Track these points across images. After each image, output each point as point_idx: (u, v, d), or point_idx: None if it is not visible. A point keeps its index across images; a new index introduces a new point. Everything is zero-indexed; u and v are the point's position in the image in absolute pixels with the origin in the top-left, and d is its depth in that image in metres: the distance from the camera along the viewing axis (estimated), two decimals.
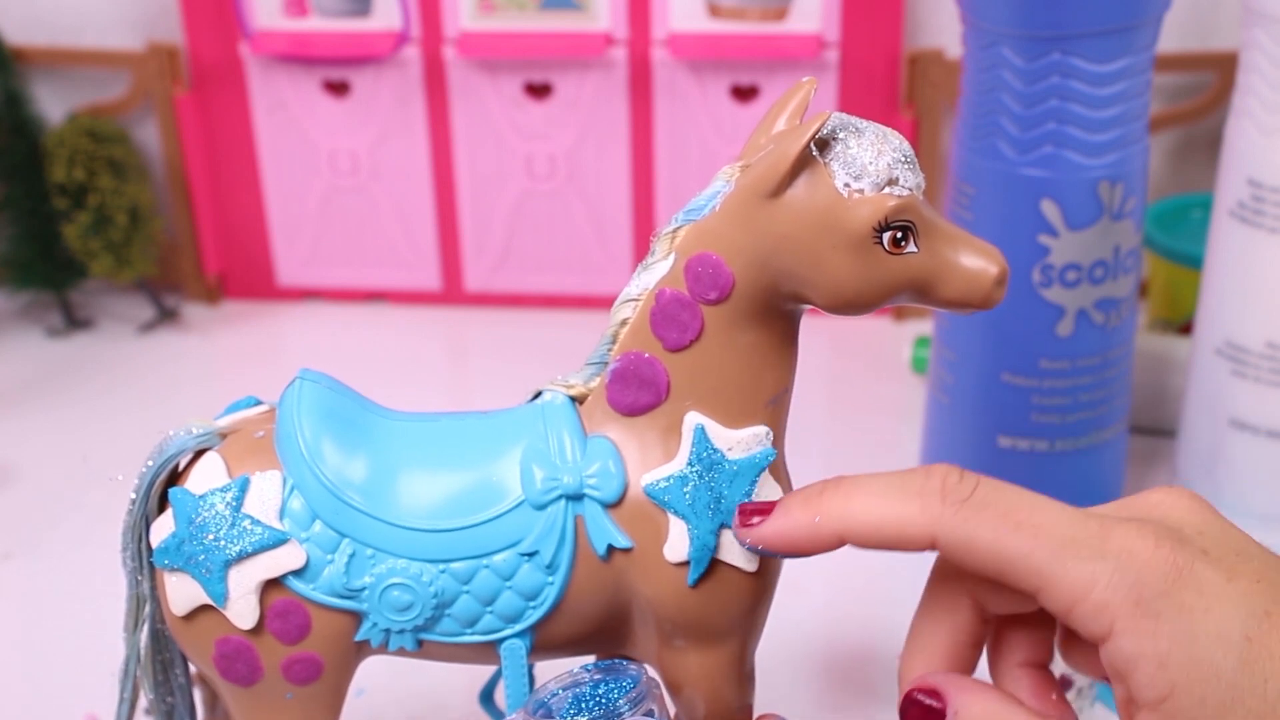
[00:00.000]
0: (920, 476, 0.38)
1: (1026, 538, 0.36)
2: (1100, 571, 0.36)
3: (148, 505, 0.45)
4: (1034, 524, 0.37)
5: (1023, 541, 0.36)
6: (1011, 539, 0.37)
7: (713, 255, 0.41)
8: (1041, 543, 0.36)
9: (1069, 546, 0.36)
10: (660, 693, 0.43)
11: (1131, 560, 0.36)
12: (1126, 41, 0.60)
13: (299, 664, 0.43)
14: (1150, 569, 0.36)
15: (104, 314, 0.96)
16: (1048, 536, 0.36)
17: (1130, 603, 0.35)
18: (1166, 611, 0.35)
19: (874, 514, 0.38)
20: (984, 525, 0.37)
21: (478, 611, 0.43)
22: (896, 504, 0.38)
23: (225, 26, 0.90)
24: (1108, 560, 0.36)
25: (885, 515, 0.38)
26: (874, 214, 0.39)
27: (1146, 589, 0.35)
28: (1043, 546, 0.36)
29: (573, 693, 0.42)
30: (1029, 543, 0.36)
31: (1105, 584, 0.36)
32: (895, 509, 0.38)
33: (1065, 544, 0.36)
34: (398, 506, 0.43)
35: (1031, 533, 0.36)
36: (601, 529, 0.42)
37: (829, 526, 0.39)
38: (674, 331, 0.42)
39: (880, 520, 0.38)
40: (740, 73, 0.88)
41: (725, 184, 0.41)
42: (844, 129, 0.40)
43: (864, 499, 0.38)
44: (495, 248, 0.94)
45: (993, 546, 0.37)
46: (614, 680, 0.42)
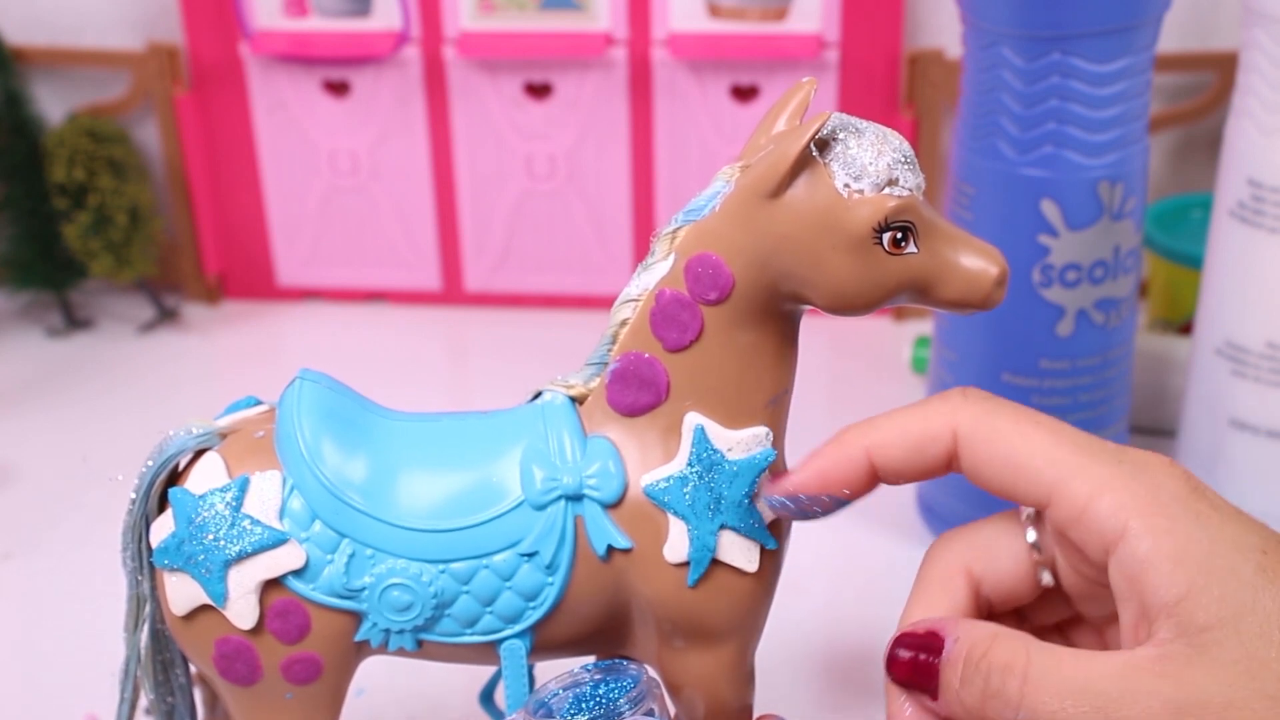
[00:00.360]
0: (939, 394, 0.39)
1: (1047, 433, 0.37)
2: (1119, 473, 0.36)
3: (148, 505, 0.45)
4: (1053, 425, 0.37)
5: (1044, 436, 0.37)
6: (1034, 432, 0.37)
7: (712, 256, 0.41)
8: (1062, 440, 0.37)
9: (1088, 448, 0.37)
10: (660, 693, 0.43)
11: (1148, 468, 0.36)
12: (1126, 41, 0.60)
13: (299, 664, 0.43)
14: (1168, 477, 0.36)
15: (104, 314, 0.96)
16: (1068, 436, 0.37)
17: (1147, 502, 0.36)
18: (1183, 515, 0.35)
19: (898, 423, 0.39)
20: (1005, 417, 0.38)
21: (477, 612, 0.43)
22: (918, 410, 0.39)
23: (225, 26, 0.90)
24: (1125, 464, 0.36)
25: (909, 422, 0.39)
26: (874, 214, 0.39)
27: (1163, 492, 0.36)
28: (1063, 444, 0.37)
29: (573, 693, 0.42)
30: (1049, 438, 0.37)
31: (1123, 484, 0.36)
32: (918, 413, 0.39)
33: (1085, 445, 0.37)
34: (397, 507, 0.43)
35: (1051, 429, 0.37)
36: (601, 529, 0.42)
37: (857, 447, 0.39)
38: (674, 332, 0.42)
39: (904, 428, 0.39)
40: (740, 73, 0.88)
41: (725, 184, 0.41)
42: (844, 129, 0.40)
43: (887, 418, 0.39)
44: (495, 248, 0.94)
45: (1012, 439, 0.37)
46: (614, 680, 0.42)
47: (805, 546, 0.72)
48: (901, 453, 0.39)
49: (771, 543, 0.43)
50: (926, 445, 0.39)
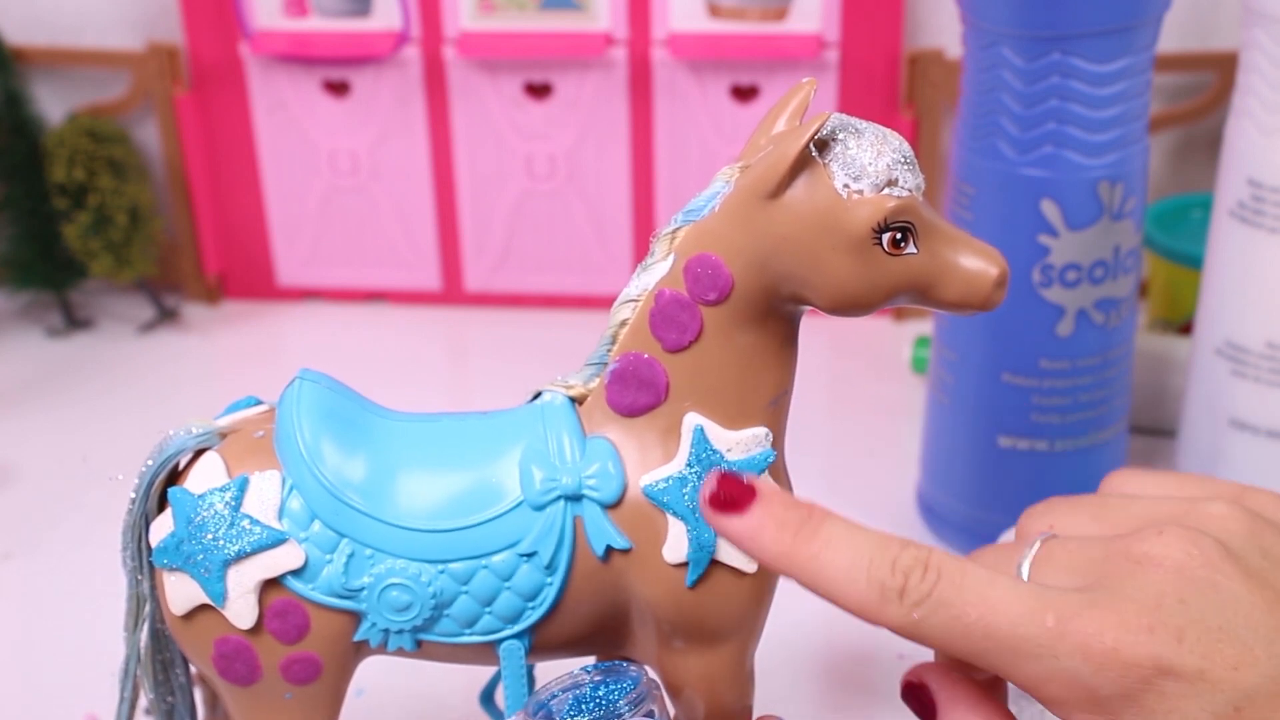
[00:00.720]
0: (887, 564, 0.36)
1: (977, 640, 0.36)
2: (1054, 670, 0.35)
3: (147, 505, 0.45)
4: (984, 626, 0.36)
5: (972, 645, 0.36)
6: (961, 644, 0.36)
7: (712, 256, 0.41)
8: (992, 645, 0.36)
9: (1021, 647, 0.35)
10: (660, 694, 0.43)
11: (1087, 661, 0.35)
12: (1126, 41, 0.60)
13: (298, 664, 0.43)
14: (1107, 671, 0.35)
15: (104, 314, 0.96)
16: (998, 639, 0.36)
17: (1085, 702, 0.35)
18: (1126, 713, 0.35)
19: (835, 585, 0.37)
20: (934, 630, 0.36)
21: (476, 612, 0.43)
22: (859, 584, 0.36)
23: (225, 26, 0.90)
24: (1060, 660, 0.35)
25: (846, 591, 0.37)
26: (873, 215, 0.39)
27: (1103, 689, 0.35)
28: (992, 650, 0.36)
29: (573, 694, 0.42)
30: (980, 644, 0.36)
31: (1060, 683, 0.35)
32: (856, 590, 0.36)
33: (1017, 646, 0.35)
34: (397, 507, 0.43)
35: (982, 634, 0.36)
36: (600, 530, 0.42)
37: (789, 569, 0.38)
38: (673, 332, 0.42)
39: (840, 594, 0.37)
40: (740, 73, 0.88)
41: (724, 185, 0.41)
42: (843, 130, 0.40)
43: (832, 559, 0.37)
44: (495, 248, 0.94)
45: (943, 648, 0.37)
46: (614, 682, 0.42)
47: None
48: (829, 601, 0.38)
49: None
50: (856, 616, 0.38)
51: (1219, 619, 0.35)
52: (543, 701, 0.42)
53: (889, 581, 0.36)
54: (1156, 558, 0.36)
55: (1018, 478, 0.67)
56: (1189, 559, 0.36)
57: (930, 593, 0.36)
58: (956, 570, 0.36)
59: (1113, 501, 0.41)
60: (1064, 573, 0.38)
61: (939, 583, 0.36)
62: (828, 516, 0.38)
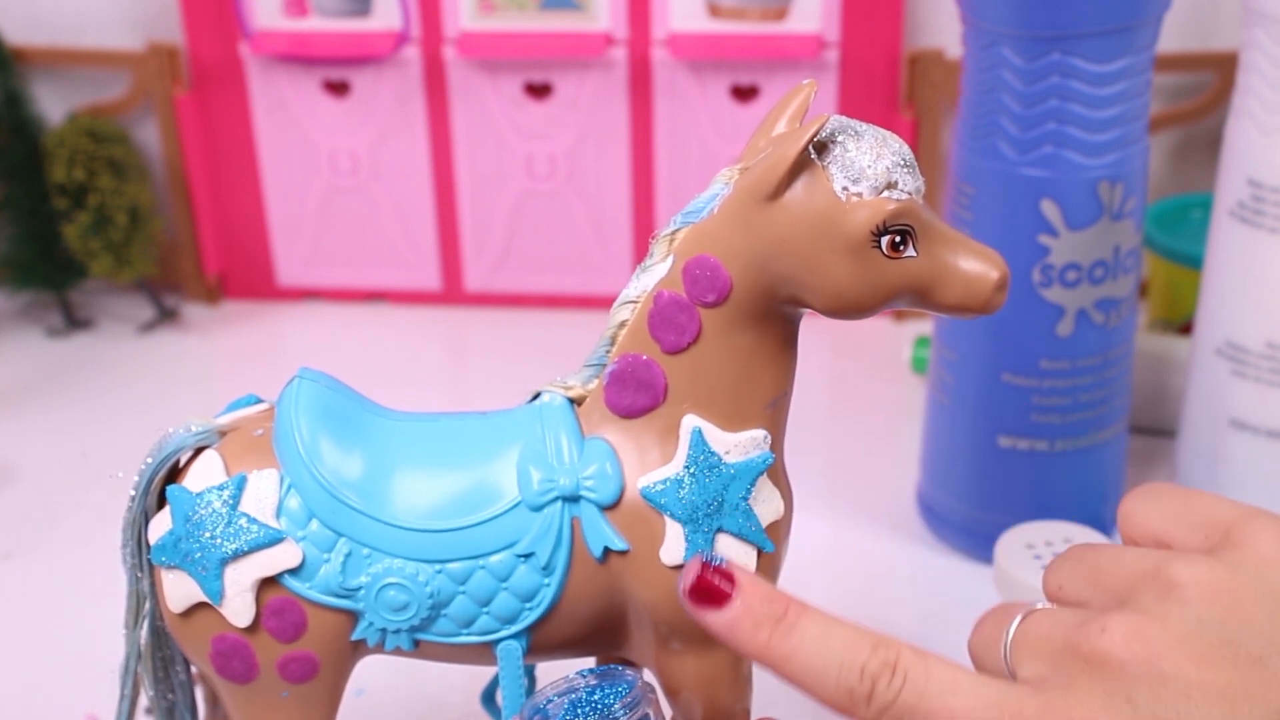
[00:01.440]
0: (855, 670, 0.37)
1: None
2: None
3: (147, 502, 0.45)
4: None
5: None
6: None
7: (710, 258, 0.41)
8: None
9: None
10: (655, 697, 0.43)
11: None
12: (1126, 41, 0.60)
13: (295, 662, 0.43)
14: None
15: (104, 314, 0.96)
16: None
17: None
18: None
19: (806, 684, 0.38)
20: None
21: (474, 612, 0.43)
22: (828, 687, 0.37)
23: (225, 26, 0.90)
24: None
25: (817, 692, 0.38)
26: (872, 217, 0.39)
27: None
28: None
29: (569, 699, 0.42)
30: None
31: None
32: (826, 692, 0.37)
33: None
34: (394, 506, 0.43)
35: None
36: (598, 531, 0.42)
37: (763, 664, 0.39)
38: (671, 334, 0.42)
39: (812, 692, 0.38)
40: (740, 73, 0.88)
41: (724, 186, 0.41)
42: (843, 132, 0.40)
43: (804, 661, 0.38)
44: (495, 248, 0.94)
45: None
46: (610, 685, 0.42)
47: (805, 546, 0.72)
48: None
49: (769, 546, 0.43)
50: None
51: (1167, 713, 0.35)
52: (539, 706, 0.42)
53: (857, 687, 0.37)
54: (1100, 656, 0.36)
55: (1018, 478, 0.67)
56: (1132, 657, 0.35)
57: (895, 699, 0.37)
58: (921, 675, 0.37)
59: (1106, 558, 0.40)
60: (1032, 660, 0.38)
61: (904, 689, 0.37)
62: (803, 614, 0.38)
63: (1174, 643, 0.35)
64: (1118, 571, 0.39)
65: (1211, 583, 0.36)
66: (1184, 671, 0.35)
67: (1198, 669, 0.35)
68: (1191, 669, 0.35)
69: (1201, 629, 0.36)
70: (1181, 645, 0.35)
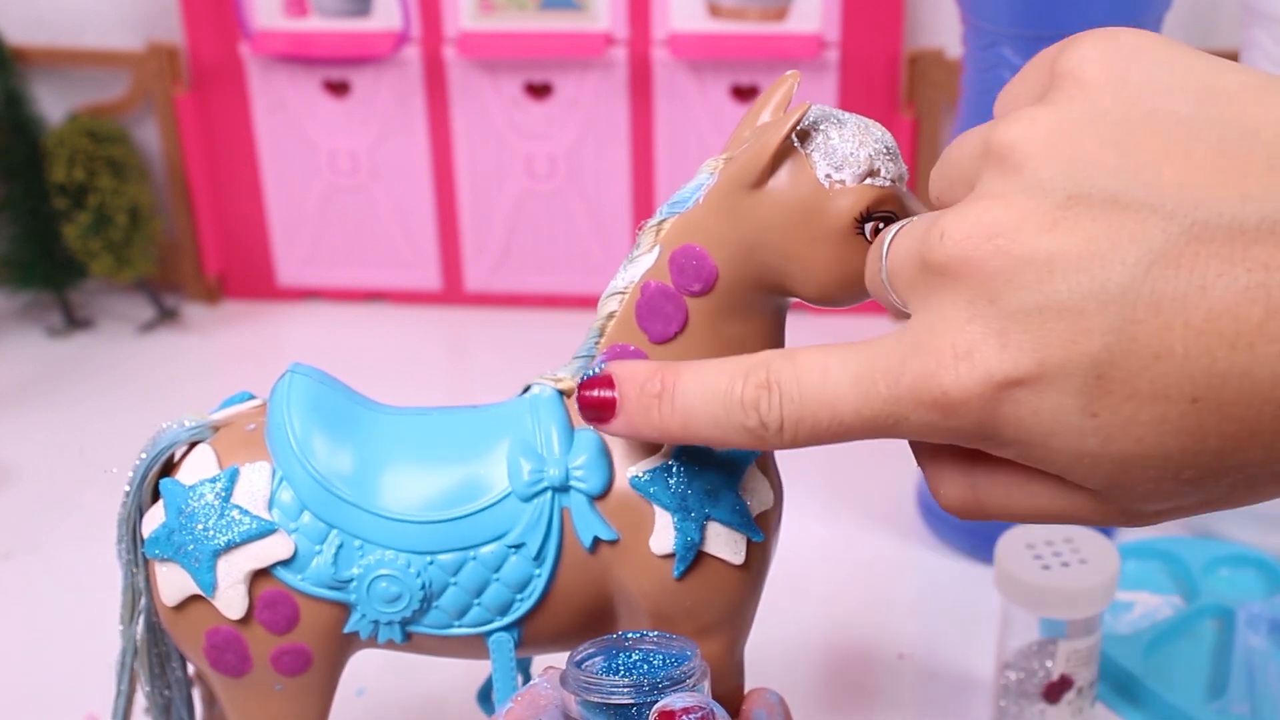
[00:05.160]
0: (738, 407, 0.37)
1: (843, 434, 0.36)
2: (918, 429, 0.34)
3: (141, 497, 0.45)
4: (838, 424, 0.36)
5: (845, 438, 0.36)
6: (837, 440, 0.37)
7: (696, 247, 0.41)
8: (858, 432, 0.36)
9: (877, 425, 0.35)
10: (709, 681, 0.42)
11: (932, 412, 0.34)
12: None
13: (288, 655, 0.44)
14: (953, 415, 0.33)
15: (104, 314, 0.96)
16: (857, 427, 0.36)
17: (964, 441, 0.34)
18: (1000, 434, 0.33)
19: (715, 442, 0.38)
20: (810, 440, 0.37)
21: (466, 603, 0.43)
22: (730, 435, 0.37)
23: (225, 26, 0.90)
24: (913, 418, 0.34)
25: (726, 444, 0.38)
26: (855, 204, 0.39)
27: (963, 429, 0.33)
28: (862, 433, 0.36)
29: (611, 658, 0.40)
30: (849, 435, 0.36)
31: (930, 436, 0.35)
32: (732, 439, 0.37)
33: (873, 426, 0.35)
34: (386, 498, 0.43)
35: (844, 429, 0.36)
36: (587, 521, 0.42)
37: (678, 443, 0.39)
38: (659, 323, 0.42)
39: (718, 444, 0.38)
40: (740, 73, 0.88)
41: (709, 176, 0.41)
42: (825, 120, 0.40)
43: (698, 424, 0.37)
44: (495, 248, 0.94)
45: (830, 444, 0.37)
46: (663, 653, 0.40)
47: (805, 546, 0.72)
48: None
49: (758, 535, 0.43)
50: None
51: (1034, 298, 0.31)
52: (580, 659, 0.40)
53: (747, 422, 0.37)
54: (946, 263, 0.33)
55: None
56: (977, 252, 0.32)
57: (782, 416, 0.36)
58: (793, 383, 0.36)
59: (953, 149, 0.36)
60: (904, 288, 0.36)
61: (783, 403, 0.36)
62: (677, 377, 0.38)
63: (1017, 219, 0.32)
64: (959, 160, 0.35)
65: (1039, 135, 0.32)
66: (1036, 246, 0.31)
67: (1051, 237, 0.31)
68: (1044, 240, 0.31)
69: (1043, 190, 0.32)
70: (1026, 218, 0.32)
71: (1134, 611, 0.66)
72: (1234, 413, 0.30)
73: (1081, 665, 0.57)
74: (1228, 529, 0.71)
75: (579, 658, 0.39)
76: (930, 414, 0.33)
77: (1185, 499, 0.32)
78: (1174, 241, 0.30)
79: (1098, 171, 0.31)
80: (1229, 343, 0.29)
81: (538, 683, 0.40)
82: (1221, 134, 0.30)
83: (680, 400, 0.38)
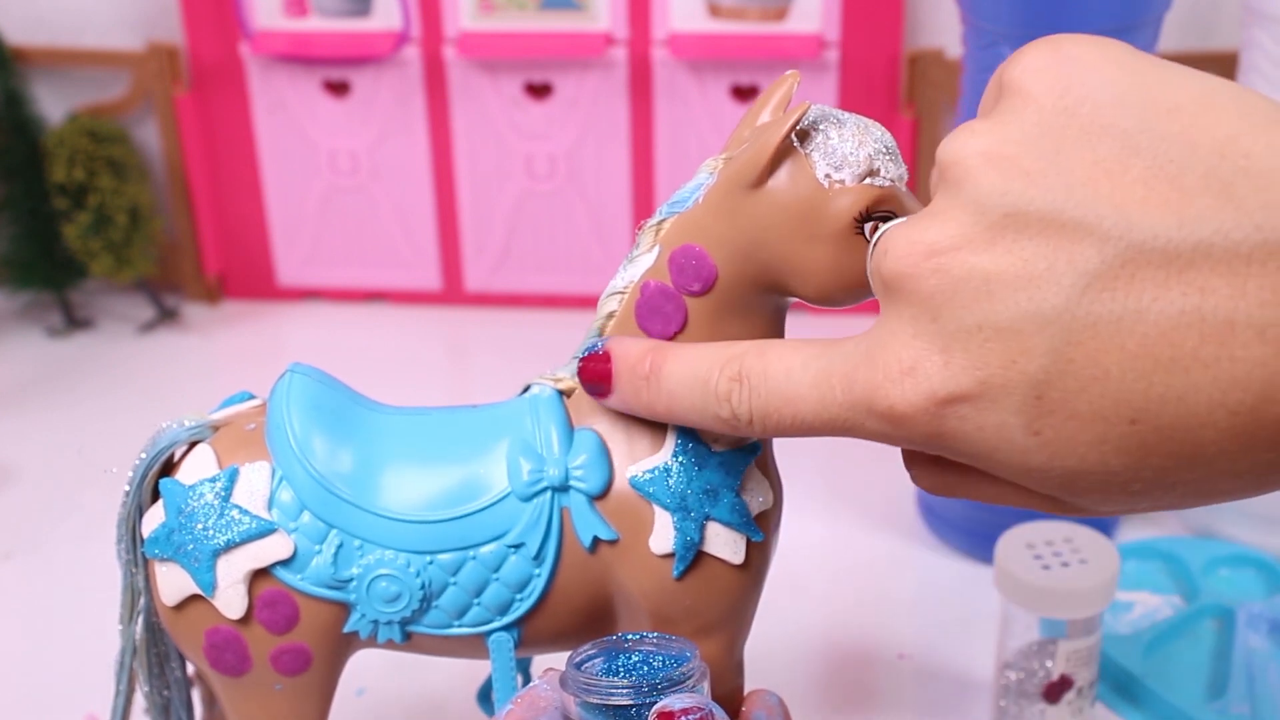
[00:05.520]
0: (713, 398, 0.38)
1: (805, 430, 0.37)
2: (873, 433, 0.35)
3: (141, 497, 0.45)
4: (799, 421, 0.37)
5: (806, 433, 0.37)
6: (800, 435, 0.37)
7: (696, 247, 0.41)
8: (818, 429, 0.37)
9: (834, 426, 0.36)
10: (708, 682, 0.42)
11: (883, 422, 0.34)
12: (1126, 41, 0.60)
13: (287, 654, 0.44)
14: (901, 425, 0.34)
15: (104, 314, 0.96)
16: (817, 426, 0.36)
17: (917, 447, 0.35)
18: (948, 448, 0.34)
19: (689, 420, 0.39)
20: (777, 432, 0.38)
21: (466, 603, 0.43)
22: (707, 417, 0.39)
23: (225, 26, 0.90)
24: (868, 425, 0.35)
25: (697, 424, 0.39)
26: (855, 204, 0.39)
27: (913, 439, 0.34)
28: (822, 430, 0.37)
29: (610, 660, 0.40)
30: (810, 432, 0.37)
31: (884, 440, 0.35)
32: (706, 421, 0.39)
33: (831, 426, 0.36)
34: (385, 498, 0.43)
35: (805, 426, 0.37)
36: (586, 521, 0.42)
37: (652, 417, 0.41)
38: (658, 323, 0.42)
39: (696, 426, 0.40)
40: (740, 73, 0.88)
41: (709, 176, 0.41)
42: (825, 120, 0.40)
43: (678, 403, 0.39)
44: (495, 248, 0.94)
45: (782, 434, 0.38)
46: (663, 654, 0.41)
47: (805, 546, 0.72)
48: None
49: (758, 535, 0.43)
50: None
51: (974, 317, 0.31)
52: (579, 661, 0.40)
53: (720, 411, 0.38)
54: (892, 279, 0.33)
55: None
56: (916, 269, 0.32)
57: (750, 409, 0.37)
58: (761, 379, 0.37)
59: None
60: (874, 289, 0.36)
61: (751, 397, 0.37)
62: (664, 360, 0.40)
63: (955, 237, 0.32)
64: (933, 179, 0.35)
65: (978, 150, 0.32)
66: (974, 265, 0.32)
67: (989, 257, 0.31)
68: (982, 260, 0.31)
69: (981, 207, 0.32)
70: (964, 236, 0.32)
71: (1134, 611, 0.66)
72: (1173, 435, 0.30)
73: (1081, 665, 0.57)
74: (1228, 529, 0.71)
75: (578, 659, 0.39)
76: (881, 424, 0.34)
77: (1138, 504, 0.33)
78: (1110, 263, 0.30)
79: (1035, 188, 0.31)
80: (1164, 367, 0.30)
81: (537, 684, 0.40)
82: (1162, 150, 0.30)
83: (665, 384, 0.39)
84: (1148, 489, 0.32)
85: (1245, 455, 0.30)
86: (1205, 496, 0.32)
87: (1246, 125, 0.30)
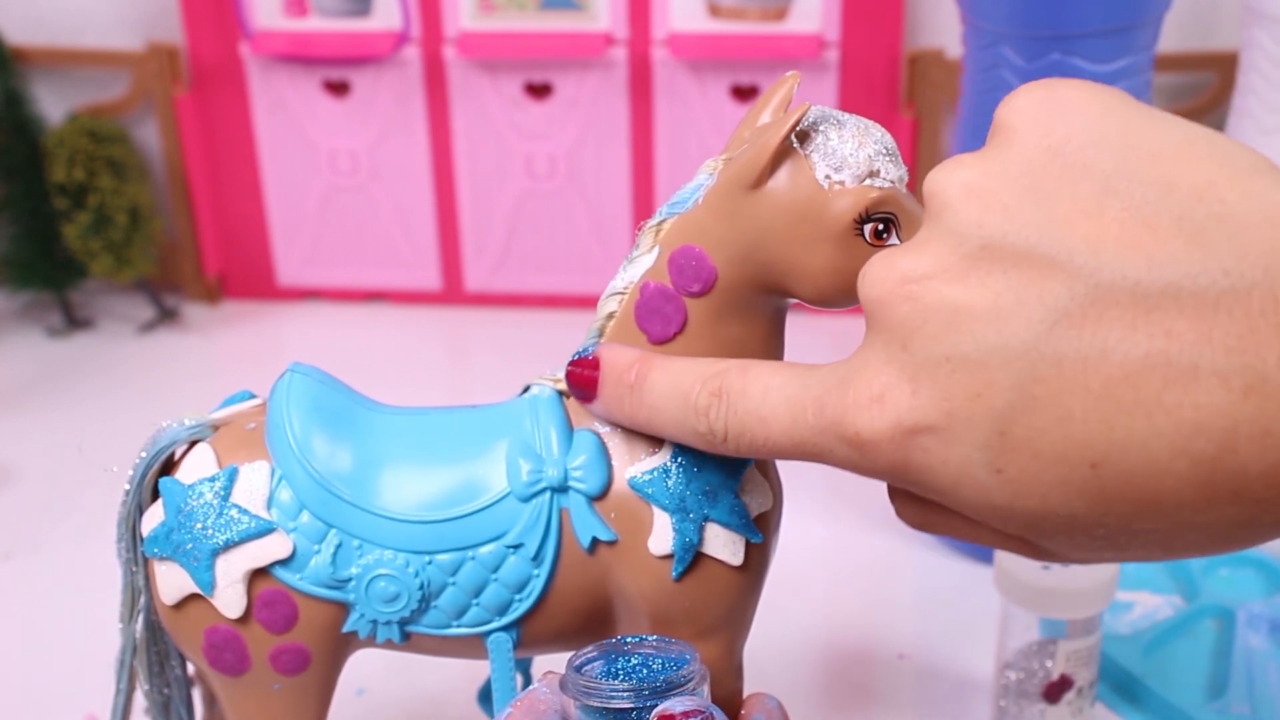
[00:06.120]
0: (693, 411, 0.38)
1: (777, 451, 0.37)
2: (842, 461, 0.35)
3: (140, 496, 0.45)
4: (772, 443, 0.36)
5: (779, 455, 0.37)
6: (773, 455, 0.37)
7: (695, 248, 0.41)
8: (790, 453, 0.36)
9: (805, 450, 0.36)
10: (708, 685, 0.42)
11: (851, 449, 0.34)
12: (1126, 41, 0.60)
13: (286, 654, 0.44)
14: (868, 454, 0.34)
15: (104, 314, 0.96)
16: (788, 449, 0.36)
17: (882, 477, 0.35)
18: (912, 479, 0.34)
19: (669, 433, 0.40)
20: (751, 451, 0.37)
21: (465, 603, 0.43)
22: (686, 431, 0.39)
23: (225, 26, 0.90)
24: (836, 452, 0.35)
25: (677, 437, 0.40)
26: (855, 205, 0.39)
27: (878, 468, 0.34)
28: (795, 454, 0.36)
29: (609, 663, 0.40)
30: (782, 454, 0.37)
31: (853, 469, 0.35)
32: (685, 434, 0.39)
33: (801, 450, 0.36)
34: (384, 498, 0.43)
35: (776, 448, 0.37)
36: (586, 521, 0.42)
37: (635, 426, 0.41)
38: (658, 324, 0.42)
39: (676, 439, 0.40)
40: (740, 73, 0.88)
41: (708, 177, 0.41)
42: (825, 121, 0.40)
43: (662, 420, 0.39)
44: (495, 248, 0.94)
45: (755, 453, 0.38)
46: (662, 657, 0.41)
47: (805, 546, 0.72)
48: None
49: (757, 537, 0.43)
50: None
51: (942, 348, 0.32)
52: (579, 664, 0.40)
53: (698, 426, 0.38)
54: (867, 304, 0.34)
55: None
56: (890, 296, 0.33)
57: (726, 425, 0.37)
58: (739, 394, 0.37)
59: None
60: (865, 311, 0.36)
61: (728, 414, 0.37)
62: (649, 370, 0.40)
63: (930, 267, 0.32)
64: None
65: (961, 182, 0.33)
66: (945, 296, 0.32)
67: (961, 288, 0.32)
68: (953, 291, 0.32)
69: (958, 239, 0.32)
70: (939, 266, 0.32)
71: (1134, 611, 0.66)
72: (1134, 481, 0.30)
73: (1081, 665, 0.57)
74: None
75: (578, 662, 0.39)
76: (849, 450, 0.34)
77: (1104, 553, 0.32)
78: (1078, 301, 0.30)
79: (1012, 223, 0.31)
80: (1127, 411, 0.29)
81: (537, 688, 0.40)
82: (1139, 193, 0.30)
83: (648, 395, 0.40)
84: (1112, 536, 0.31)
85: (1208, 508, 0.30)
86: (1171, 550, 0.32)
87: (1225, 172, 0.30)
